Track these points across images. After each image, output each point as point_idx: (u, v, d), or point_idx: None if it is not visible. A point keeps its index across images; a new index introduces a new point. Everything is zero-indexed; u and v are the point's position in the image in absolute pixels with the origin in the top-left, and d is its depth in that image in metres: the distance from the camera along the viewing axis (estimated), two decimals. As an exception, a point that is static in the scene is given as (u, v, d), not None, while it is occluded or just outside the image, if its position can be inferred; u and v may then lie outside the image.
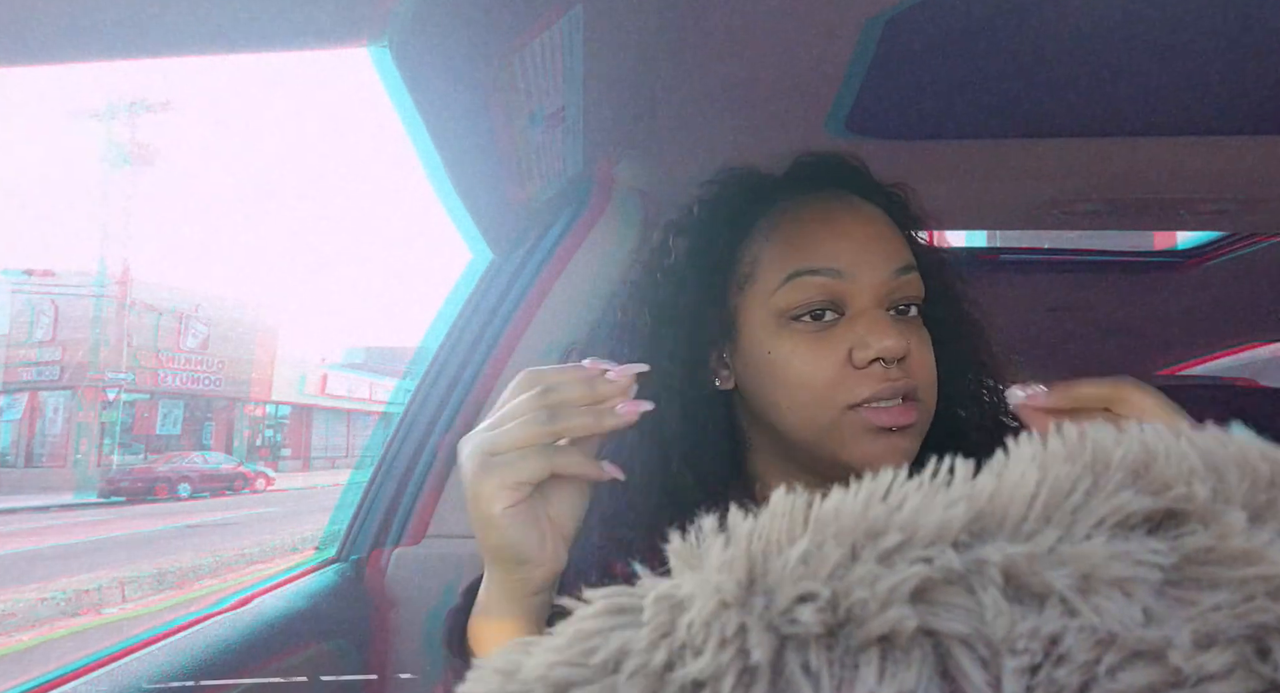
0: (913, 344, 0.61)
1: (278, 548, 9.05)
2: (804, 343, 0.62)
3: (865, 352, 0.59)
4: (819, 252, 0.62)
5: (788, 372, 0.62)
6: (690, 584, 0.18)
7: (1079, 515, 0.18)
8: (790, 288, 0.62)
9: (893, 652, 0.16)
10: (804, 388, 0.61)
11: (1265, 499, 0.18)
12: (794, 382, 0.62)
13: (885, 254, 0.63)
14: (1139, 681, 0.15)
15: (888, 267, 0.62)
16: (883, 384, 0.59)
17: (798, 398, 0.62)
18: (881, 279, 0.62)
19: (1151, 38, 0.80)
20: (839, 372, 0.60)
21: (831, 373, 0.60)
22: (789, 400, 0.62)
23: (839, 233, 0.63)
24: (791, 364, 0.62)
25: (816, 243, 0.63)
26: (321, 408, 24.26)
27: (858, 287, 0.61)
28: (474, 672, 0.19)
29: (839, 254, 0.62)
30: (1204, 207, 1.20)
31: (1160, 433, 0.20)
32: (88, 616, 6.49)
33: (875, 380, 0.59)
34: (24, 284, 19.46)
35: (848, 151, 0.72)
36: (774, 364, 0.63)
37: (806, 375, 0.61)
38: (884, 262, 0.62)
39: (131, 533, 10.75)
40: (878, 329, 0.59)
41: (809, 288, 0.62)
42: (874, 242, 0.63)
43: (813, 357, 0.61)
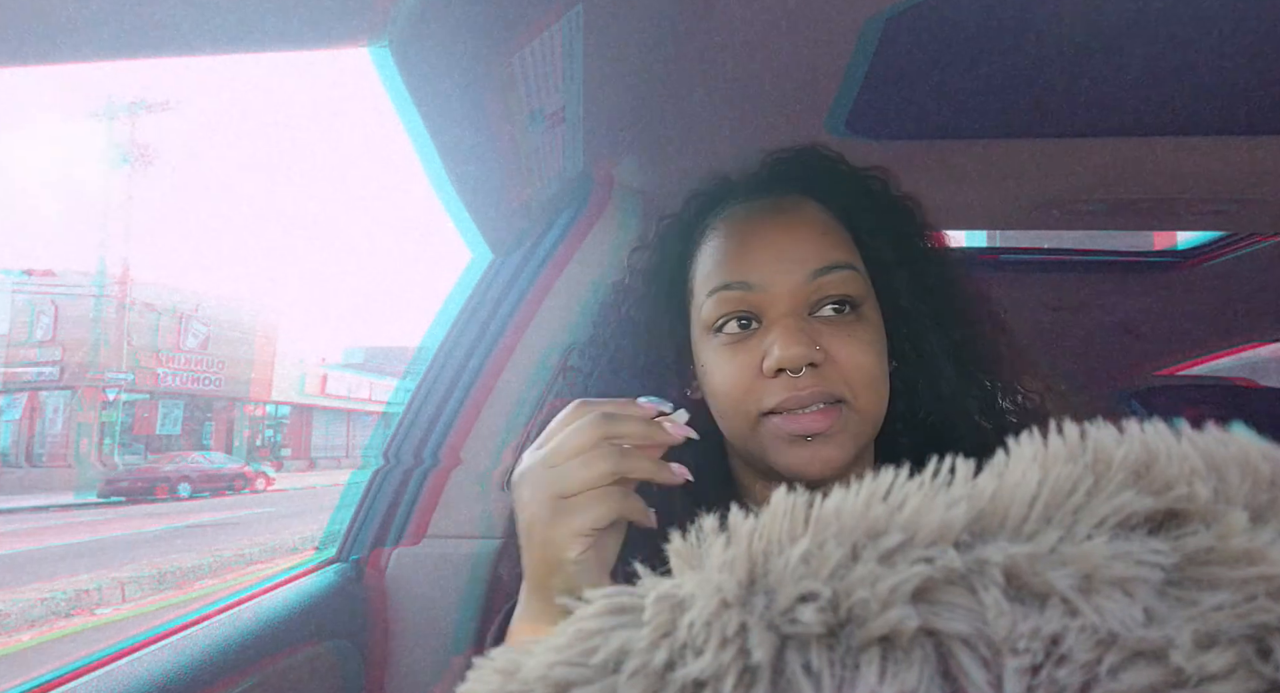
0: (837, 348, 0.60)
1: (278, 548, 9.05)
2: (724, 354, 0.63)
3: (769, 361, 0.60)
4: (731, 266, 0.64)
5: (712, 381, 0.64)
6: (691, 584, 0.18)
7: (1080, 516, 0.18)
8: (711, 303, 0.64)
9: (894, 652, 0.16)
10: (725, 397, 0.63)
11: (1266, 499, 0.18)
12: (717, 391, 0.63)
13: (799, 259, 0.62)
14: (1140, 681, 0.15)
15: (801, 271, 0.62)
16: (789, 393, 0.59)
17: (723, 406, 0.63)
18: (794, 285, 0.61)
19: (1151, 38, 0.80)
20: (752, 381, 0.61)
21: (746, 382, 0.61)
22: (718, 409, 0.64)
23: (751, 244, 0.64)
24: (715, 374, 0.64)
25: (730, 257, 0.64)
26: (321, 408, 24.26)
27: (770, 296, 0.62)
28: (474, 671, 0.19)
29: (750, 266, 0.63)
30: (1204, 207, 1.20)
31: (1161, 433, 0.20)
32: (87, 616, 6.49)
33: (782, 389, 0.59)
34: (24, 284, 19.46)
35: (817, 145, 0.71)
36: (705, 374, 0.65)
37: (726, 385, 0.62)
38: (796, 267, 0.62)
39: (131, 533, 10.75)
40: (783, 338, 0.59)
41: (725, 302, 0.63)
42: (788, 248, 0.63)
43: (730, 367, 0.62)
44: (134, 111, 19.94)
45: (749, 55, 0.82)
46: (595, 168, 1.05)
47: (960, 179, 1.11)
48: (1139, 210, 1.23)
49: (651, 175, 1.09)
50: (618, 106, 0.92)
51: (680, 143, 1.01)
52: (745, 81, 0.86)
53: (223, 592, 0.92)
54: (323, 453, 24.32)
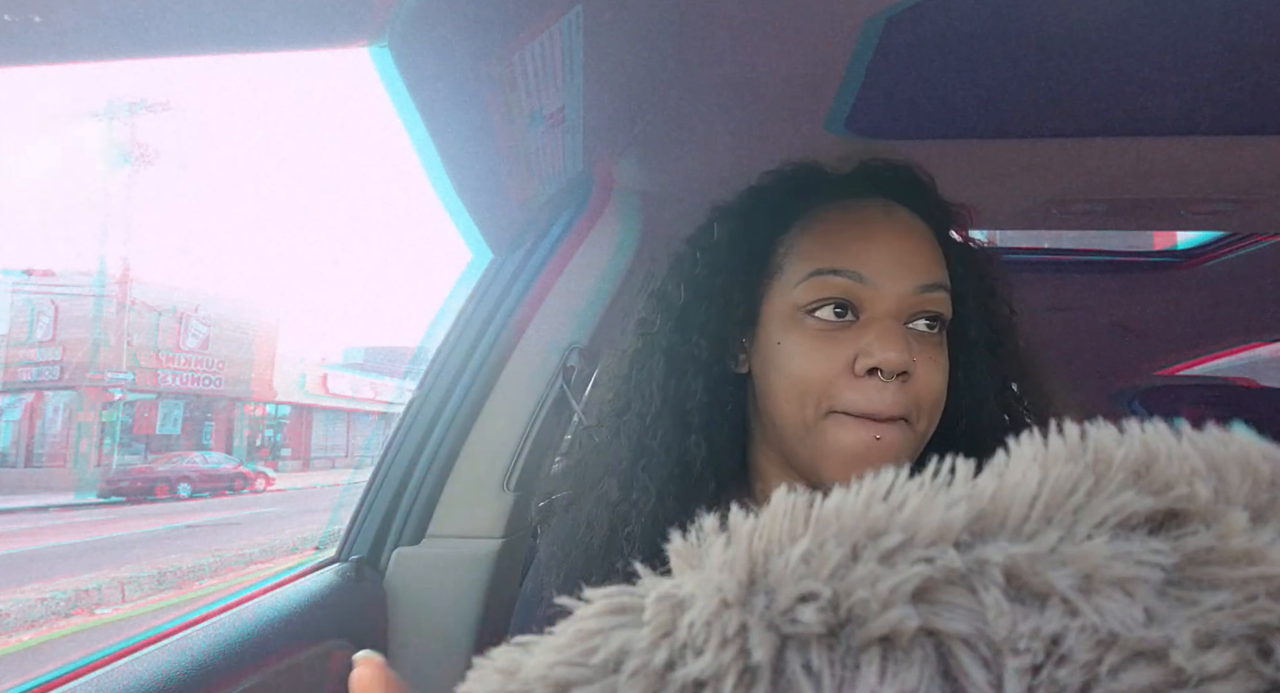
0: (920, 363, 0.60)
1: (278, 548, 9.05)
2: (812, 339, 0.62)
3: (867, 360, 0.59)
4: (845, 253, 0.63)
5: (790, 364, 0.62)
6: (691, 584, 0.18)
7: (1081, 516, 0.18)
8: (810, 284, 0.62)
9: (894, 652, 0.16)
10: (799, 382, 0.61)
11: (1267, 499, 0.18)
12: (792, 375, 0.62)
13: (913, 267, 0.62)
14: (1141, 681, 0.15)
15: (913, 280, 0.61)
16: (875, 398, 0.58)
17: (790, 391, 0.62)
18: (904, 291, 0.61)
19: (1151, 38, 0.80)
20: (836, 375, 0.60)
21: (829, 373, 0.60)
22: (783, 392, 0.63)
23: (869, 238, 0.63)
24: (795, 358, 0.62)
25: (844, 244, 0.63)
26: (321, 408, 24.25)
27: (878, 293, 0.61)
28: (475, 671, 0.19)
29: (865, 259, 0.62)
30: (1204, 207, 1.19)
31: (1162, 433, 0.20)
32: (87, 616, 6.49)
33: (868, 390, 0.59)
34: (24, 284, 19.45)
35: (912, 162, 0.71)
36: (781, 355, 0.63)
37: (804, 370, 0.61)
38: (910, 274, 0.61)
39: (131, 533, 10.75)
40: (885, 339, 0.58)
41: (828, 287, 0.62)
42: (904, 253, 0.63)
43: (817, 355, 0.61)
44: (134, 111, 19.93)
45: (749, 55, 0.82)
46: (595, 168, 1.04)
47: (960, 179, 1.11)
48: (1139, 210, 1.23)
49: (651, 175, 1.09)
50: (618, 106, 0.92)
51: (680, 143, 1.01)
52: (745, 81, 0.86)
53: (223, 592, 0.92)
54: (323, 453, 24.32)
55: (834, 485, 0.20)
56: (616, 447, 0.68)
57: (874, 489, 0.19)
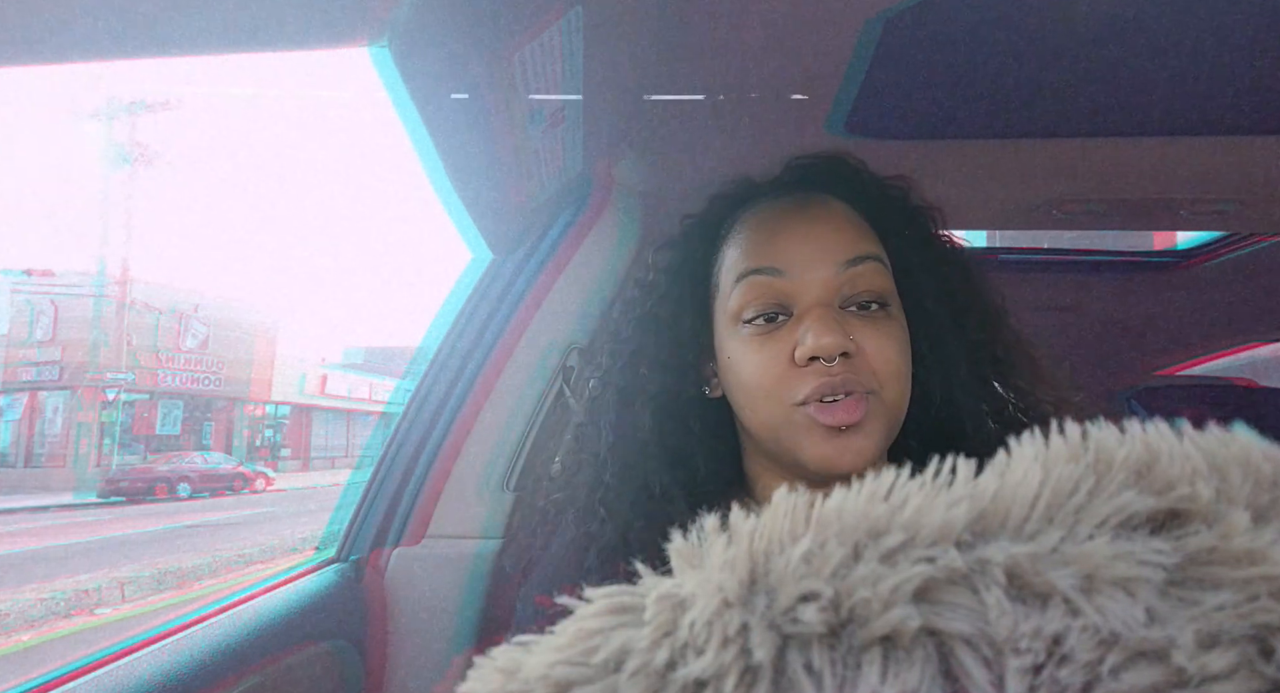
0: (865, 339, 0.61)
1: (277, 548, 9.04)
2: (753, 345, 0.63)
3: (802, 349, 0.60)
4: (762, 252, 0.63)
5: (741, 374, 0.63)
6: (692, 583, 0.18)
7: (1082, 515, 0.18)
8: (739, 290, 0.63)
9: (895, 652, 0.16)
10: (755, 389, 0.62)
11: (1268, 500, 0.18)
12: (747, 383, 0.63)
13: (829, 249, 0.62)
14: (1142, 681, 0.15)
15: (832, 261, 0.62)
16: (820, 379, 0.59)
17: (752, 399, 0.63)
18: (826, 276, 0.62)
19: (1151, 38, 0.80)
20: (784, 371, 0.61)
21: (777, 372, 0.61)
22: (746, 402, 0.64)
23: (782, 233, 0.64)
24: (745, 366, 0.63)
25: (761, 243, 0.64)
26: (321, 408, 24.24)
27: (801, 284, 0.62)
28: (475, 670, 0.19)
29: (781, 252, 0.63)
30: (1204, 207, 1.19)
31: (1163, 433, 0.20)
32: (87, 616, 6.49)
33: (815, 378, 0.59)
34: (24, 284, 19.45)
35: (841, 152, 0.72)
36: (732, 367, 0.64)
37: (756, 376, 0.62)
38: (828, 257, 0.62)
39: (131, 533, 10.74)
40: (816, 327, 0.59)
41: (755, 288, 0.63)
42: (818, 238, 0.63)
43: (760, 358, 0.62)
44: (134, 111, 19.93)
45: (749, 55, 0.82)
46: (595, 168, 1.04)
47: (960, 179, 1.11)
48: (1139, 210, 1.23)
49: (651, 175, 1.09)
50: (618, 106, 0.92)
51: (680, 143, 1.01)
52: (745, 82, 0.86)
53: (222, 592, 0.92)
54: (322, 453, 24.31)
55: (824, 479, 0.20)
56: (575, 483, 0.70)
57: (875, 489, 0.19)
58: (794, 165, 0.73)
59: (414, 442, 1.09)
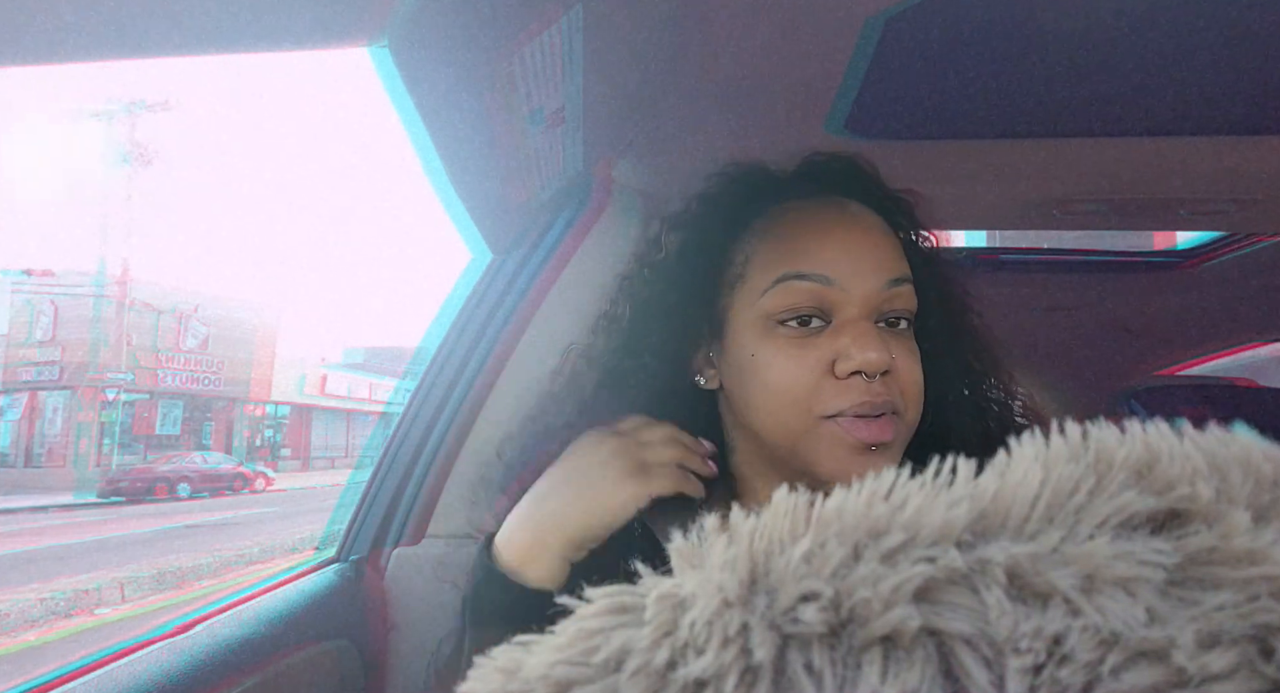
0: (898, 358, 0.60)
1: (277, 548, 9.04)
2: (787, 348, 0.61)
3: (847, 363, 0.58)
4: (810, 256, 0.62)
5: (768, 376, 0.61)
6: (692, 583, 0.18)
7: (1082, 515, 0.18)
8: (779, 291, 0.62)
9: (896, 652, 0.16)
10: (783, 394, 0.60)
11: (1269, 499, 0.18)
12: (773, 387, 0.61)
13: (878, 265, 0.62)
14: (1142, 681, 0.15)
15: (880, 278, 0.61)
16: (862, 397, 0.58)
17: (775, 403, 0.61)
18: (872, 290, 0.61)
19: (1152, 38, 0.80)
20: (819, 381, 0.59)
21: (811, 381, 0.60)
22: (767, 405, 0.62)
23: (833, 239, 0.63)
24: (773, 368, 0.61)
25: (809, 247, 0.62)
26: (321, 408, 24.25)
27: (847, 296, 0.61)
28: (475, 670, 0.19)
29: (831, 261, 0.61)
30: (1204, 207, 1.19)
31: (1163, 433, 0.20)
32: (87, 616, 6.49)
33: (855, 393, 0.58)
34: (23, 284, 19.45)
35: (857, 154, 0.71)
36: (756, 367, 0.62)
37: (786, 381, 0.60)
38: (876, 272, 0.61)
39: (131, 533, 10.74)
40: (862, 341, 0.58)
41: (797, 292, 0.61)
42: (868, 251, 0.62)
43: (794, 363, 0.60)
44: (134, 111, 19.93)
45: (749, 55, 0.82)
46: (595, 168, 1.04)
47: (960, 179, 1.11)
48: (1139, 210, 1.23)
49: (651, 175, 1.09)
50: (618, 106, 0.92)
51: (680, 143, 1.01)
52: (745, 81, 0.86)
53: (222, 592, 0.92)
54: (322, 453, 24.31)
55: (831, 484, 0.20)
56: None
57: (875, 489, 0.19)
58: (813, 162, 0.72)
59: (414, 442, 1.09)
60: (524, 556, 0.61)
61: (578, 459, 0.64)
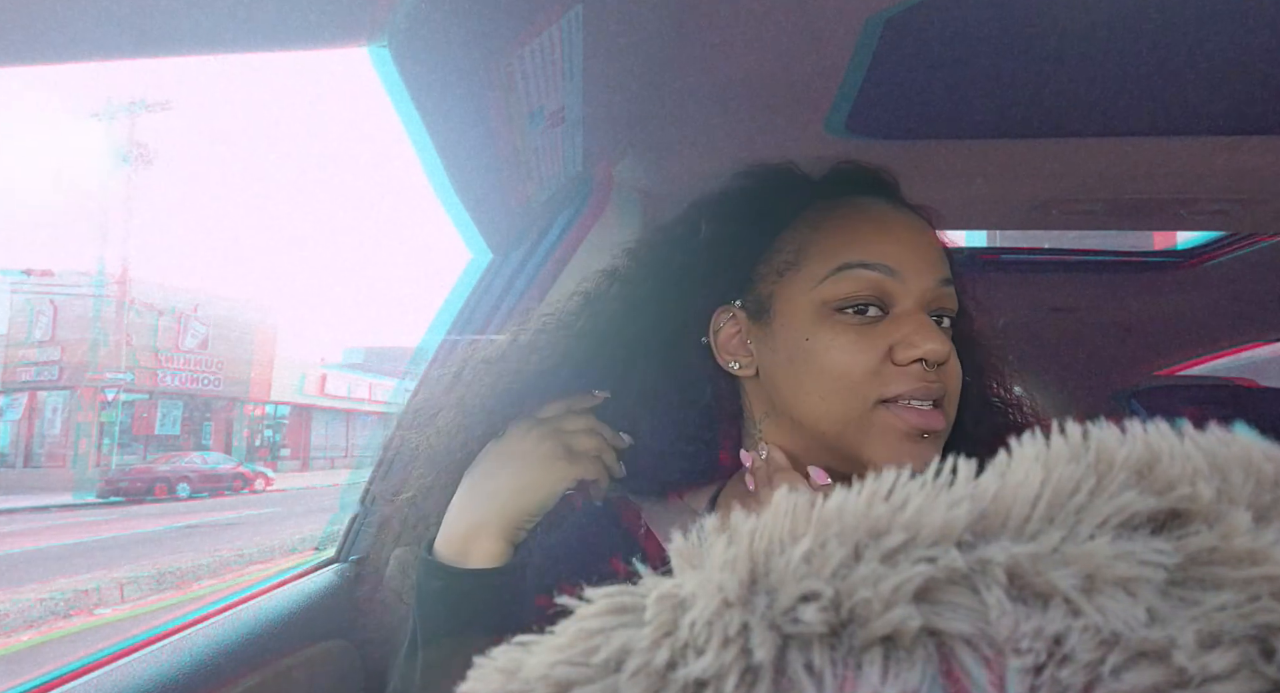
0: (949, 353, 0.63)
1: (277, 549, 9.04)
2: (846, 334, 0.62)
3: (910, 351, 0.60)
4: (872, 248, 0.64)
5: (825, 360, 0.62)
6: (692, 583, 0.18)
7: (1083, 515, 0.18)
8: (839, 279, 0.63)
9: (896, 652, 0.16)
10: (841, 377, 0.62)
11: (1270, 499, 0.18)
12: (830, 370, 0.62)
13: (933, 262, 0.65)
14: (1143, 681, 0.15)
15: (934, 274, 0.64)
16: (919, 384, 0.60)
17: (830, 387, 0.62)
18: (929, 285, 0.63)
19: (1152, 38, 0.80)
20: (877, 366, 0.61)
21: (870, 366, 0.61)
22: (820, 389, 0.63)
23: (893, 233, 0.65)
24: (830, 353, 0.62)
25: (870, 239, 0.64)
26: (320, 408, 24.24)
27: (906, 288, 0.63)
28: (476, 670, 0.19)
29: (892, 253, 0.63)
30: (1204, 207, 1.19)
31: (1164, 433, 0.20)
32: (86, 616, 6.49)
33: (913, 379, 0.60)
34: (23, 284, 19.44)
35: (883, 167, 0.72)
36: (811, 352, 0.63)
37: (844, 365, 0.62)
38: (931, 269, 0.64)
39: (130, 533, 10.74)
40: (925, 331, 0.60)
41: (859, 281, 0.63)
42: (925, 248, 0.65)
43: (854, 348, 0.62)
44: (134, 111, 19.93)
45: (749, 55, 0.82)
46: (595, 168, 1.04)
47: (960, 179, 1.11)
48: (1139, 210, 1.23)
49: (651, 175, 1.09)
50: (618, 106, 0.92)
51: (680, 143, 1.01)
52: (745, 81, 0.86)
53: (222, 592, 0.92)
54: (322, 453, 24.30)
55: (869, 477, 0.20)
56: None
57: (876, 489, 0.19)
58: (844, 168, 0.73)
59: (414, 442, 1.09)
60: (465, 540, 0.65)
61: (508, 446, 0.68)
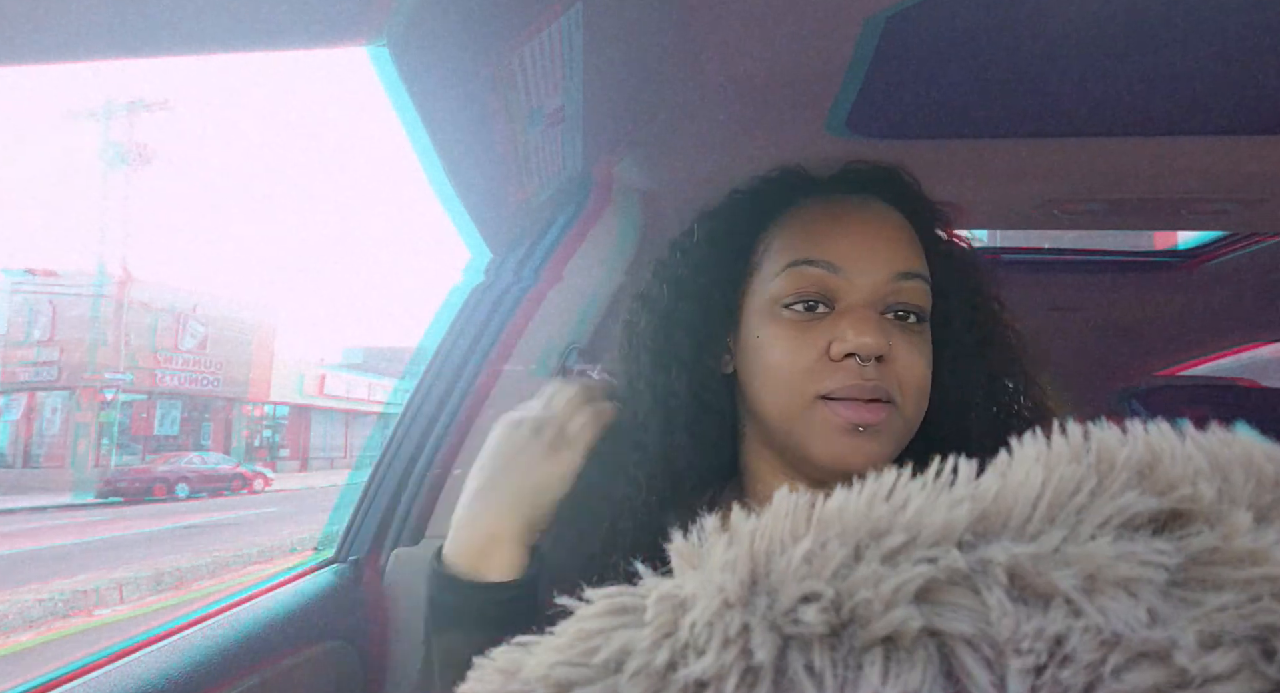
0: (898, 348, 0.62)
1: (276, 549, 9.04)
2: (789, 330, 0.63)
3: (841, 345, 0.60)
4: (819, 245, 0.64)
5: (770, 357, 0.64)
6: (693, 584, 0.18)
7: (1084, 516, 0.18)
8: (786, 276, 0.64)
9: (897, 652, 0.16)
10: (781, 373, 0.63)
11: (1270, 500, 0.18)
12: (774, 367, 0.63)
13: (886, 257, 0.63)
14: (1144, 681, 0.15)
15: (887, 269, 0.63)
16: (853, 379, 0.60)
17: (775, 383, 0.63)
18: (878, 280, 0.62)
19: (1151, 37, 0.80)
20: (815, 362, 0.61)
21: (808, 362, 0.62)
22: (769, 385, 0.64)
23: (842, 229, 0.65)
24: (775, 349, 0.64)
25: (819, 236, 0.65)
26: (320, 408, 24.24)
27: (851, 284, 0.63)
28: (475, 671, 0.19)
29: (838, 249, 0.63)
30: (1204, 207, 1.20)
31: (1165, 434, 0.20)
32: (86, 617, 6.48)
33: (849, 375, 0.60)
34: (22, 284, 19.44)
35: (900, 165, 0.72)
36: (760, 349, 0.65)
37: (785, 362, 0.63)
38: (883, 264, 0.63)
39: (129, 534, 10.74)
40: (859, 326, 0.60)
41: (802, 278, 0.63)
42: (877, 243, 0.64)
43: (794, 345, 0.63)
44: (133, 111, 19.93)
45: (749, 54, 0.82)
46: (595, 168, 1.04)
47: (960, 179, 1.11)
48: (1139, 210, 1.23)
49: (651, 175, 1.09)
50: (618, 106, 0.92)
51: (680, 143, 1.00)
52: (745, 81, 0.86)
53: (221, 593, 0.92)
54: (321, 453, 24.30)
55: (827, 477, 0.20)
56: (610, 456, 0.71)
57: (876, 489, 0.19)
58: (850, 168, 0.74)
59: (413, 442, 1.09)
60: (480, 553, 0.64)
61: (502, 446, 0.68)
